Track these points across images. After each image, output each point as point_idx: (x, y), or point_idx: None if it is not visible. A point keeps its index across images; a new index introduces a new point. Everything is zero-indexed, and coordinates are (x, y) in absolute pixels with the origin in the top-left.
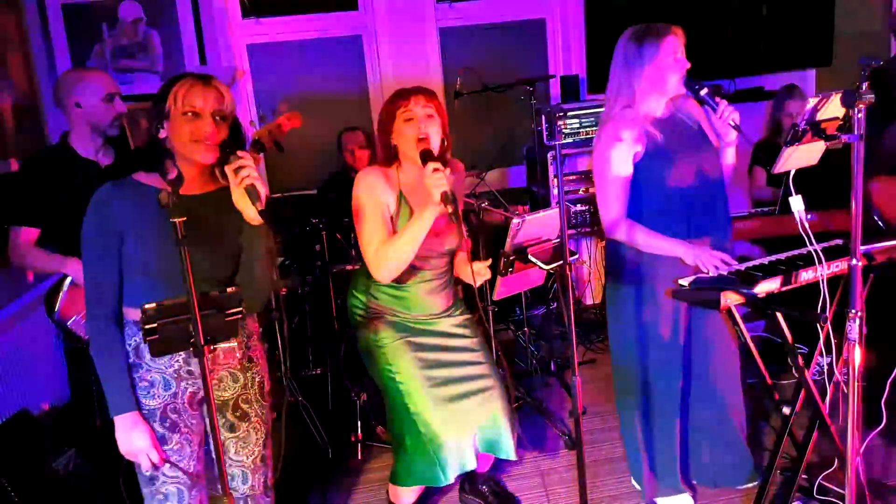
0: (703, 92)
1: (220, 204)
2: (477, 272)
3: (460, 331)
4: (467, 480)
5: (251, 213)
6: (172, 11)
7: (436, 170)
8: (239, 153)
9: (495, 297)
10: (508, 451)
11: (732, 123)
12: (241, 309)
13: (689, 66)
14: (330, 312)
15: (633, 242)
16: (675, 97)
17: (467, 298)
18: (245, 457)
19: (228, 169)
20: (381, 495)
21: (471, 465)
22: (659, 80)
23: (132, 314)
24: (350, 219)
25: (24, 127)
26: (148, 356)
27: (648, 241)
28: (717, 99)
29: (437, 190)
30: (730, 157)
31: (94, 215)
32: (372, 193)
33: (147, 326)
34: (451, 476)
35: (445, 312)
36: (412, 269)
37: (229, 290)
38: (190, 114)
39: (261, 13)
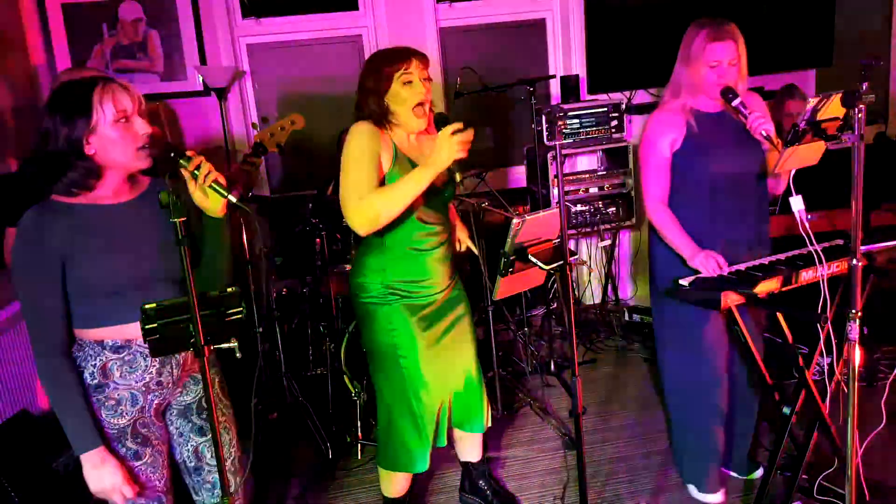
0: (735, 102)
1: (154, 205)
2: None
3: (453, 303)
4: (467, 479)
5: (216, 209)
6: (172, 11)
7: (455, 132)
8: (188, 153)
9: (495, 297)
10: (478, 422)
11: (763, 134)
12: (241, 309)
13: (729, 80)
14: (330, 312)
15: (658, 228)
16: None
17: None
18: (224, 459)
19: (185, 172)
20: (380, 494)
21: (441, 442)
22: (697, 80)
23: (92, 335)
24: None
25: (24, 127)
26: (117, 374)
27: (668, 233)
28: (749, 111)
29: (455, 154)
30: (771, 160)
31: (26, 245)
32: (368, 142)
33: (147, 326)
34: (428, 459)
35: (449, 284)
36: (426, 227)
37: (230, 289)
38: (122, 119)
39: (261, 13)
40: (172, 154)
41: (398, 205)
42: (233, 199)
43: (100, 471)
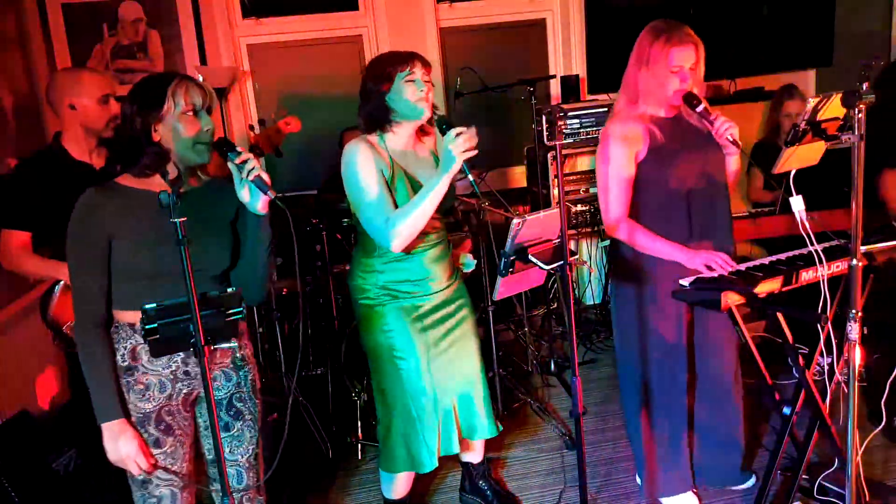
0: (699, 108)
1: (209, 197)
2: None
3: (453, 305)
4: (467, 479)
5: (256, 205)
6: (172, 11)
7: (460, 133)
8: (238, 148)
9: (495, 297)
10: (485, 432)
11: (730, 139)
12: (241, 309)
13: (690, 87)
14: (330, 312)
15: (634, 243)
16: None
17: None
18: (240, 455)
19: (232, 165)
20: (381, 495)
21: (454, 450)
22: (658, 86)
23: (126, 317)
24: (350, 219)
25: (24, 127)
26: (146, 358)
27: (649, 244)
28: (714, 115)
29: (463, 155)
30: (733, 164)
31: (79, 221)
32: (368, 164)
33: (147, 327)
34: (435, 459)
35: (448, 284)
36: (422, 237)
37: (229, 290)
38: (190, 113)
39: (261, 13)
40: (224, 146)
41: (423, 219)
42: (272, 194)
43: (118, 441)
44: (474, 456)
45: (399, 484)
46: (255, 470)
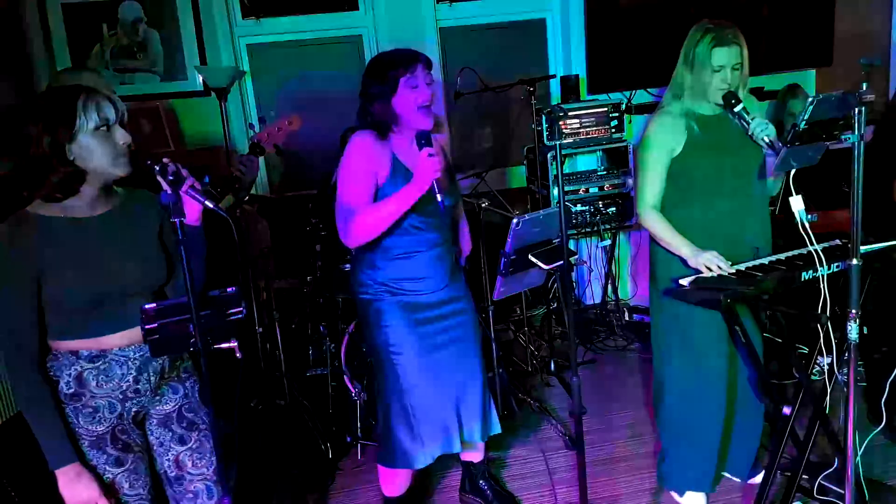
0: (737, 108)
1: (132, 215)
2: None
3: (455, 304)
4: (467, 479)
5: (194, 216)
6: (172, 11)
7: (431, 156)
8: (164, 160)
9: (495, 297)
10: (478, 434)
11: (766, 141)
12: (241, 309)
13: (732, 85)
14: (330, 312)
15: (653, 233)
16: None
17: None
18: (205, 468)
19: (163, 179)
20: (381, 493)
21: (454, 448)
22: (700, 84)
23: (67, 346)
24: None
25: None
26: (93, 383)
27: (665, 236)
28: (751, 117)
29: (429, 176)
30: (771, 164)
31: (1, 261)
32: (364, 156)
33: (147, 326)
34: (433, 453)
35: (447, 285)
36: (419, 233)
37: (229, 289)
38: (104, 127)
39: (261, 13)
40: (149, 162)
41: (382, 224)
42: (209, 205)
43: (75, 485)
44: (475, 455)
45: (397, 480)
46: (216, 484)
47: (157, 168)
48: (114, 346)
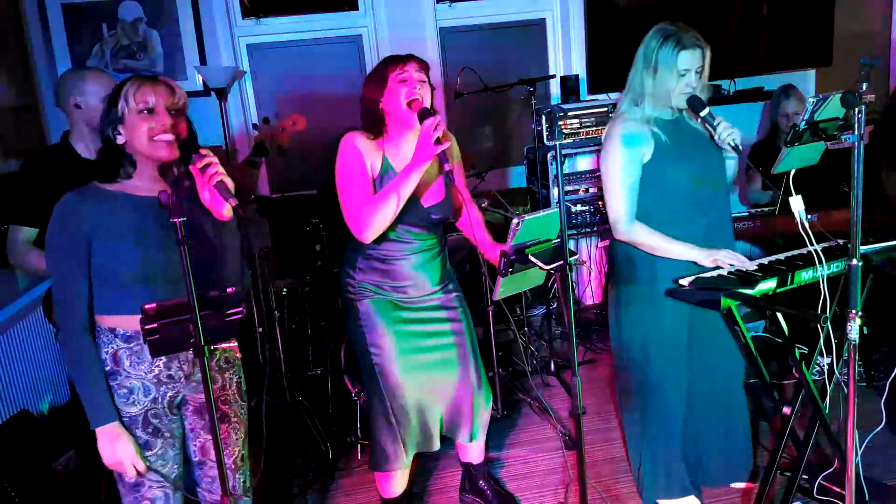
0: (704, 113)
1: (190, 203)
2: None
3: (449, 316)
4: (467, 479)
5: (221, 210)
6: (172, 11)
7: (436, 126)
8: (202, 151)
9: (495, 297)
10: (466, 434)
11: (731, 144)
12: (241, 309)
13: (696, 89)
14: (330, 312)
15: (646, 245)
16: None
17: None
18: (226, 457)
19: (194, 168)
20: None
21: (432, 447)
22: (664, 89)
23: (107, 322)
24: None
25: (24, 127)
26: (127, 363)
27: (662, 245)
28: (717, 121)
29: (429, 148)
30: (732, 167)
31: (59, 225)
32: (356, 155)
33: (147, 327)
34: (410, 456)
35: (434, 291)
36: (398, 240)
37: (229, 290)
38: (145, 111)
39: (261, 13)
40: (187, 147)
41: (391, 208)
42: (231, 202)
43: (114, 444)
44: (475, 457)
45: (390, 482)
46: (241, 471)
47: (194, 155)
48: None
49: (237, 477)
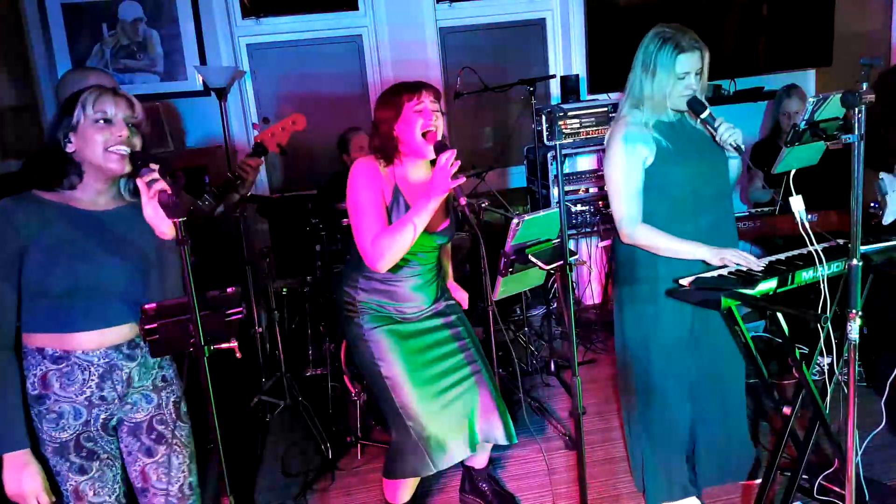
0: (704, 115)
1: (131, 220)
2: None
3: (446, 322)
4: (467, 479)
5: (163, 228)
6: (172, 11)
7: (453, 162)
8: (151, 165)
9: (495, 297)
10: (502, 437)
11: (733, 145)
12: (241, 309)
13: (695, 91)
14: (330, 312)
15: (653, 246)
16: None
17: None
18: (168, 484)
19: (141, 182)
20: (381, 495)
21: (461, 455)
22: (663, 92)
23: (35, 341)
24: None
25: (25, 127)
26: (56, 385)
27: (669, 246)
28: (718, 122)
29: (451, 182)
30: (734, 167)
31: None
32: (369, 183)
33: (147, 327)
34: (440, 465)
35: (432, 307)
36: (402, 264)
37: (229, 290)
38: (102, 120)
39: (261, 13)
40: (139, 161)
41: (408, 241)
42: (175, 221)
43: (21, 474)
44: (478, 462)
45: (404, 489)
46: (190, 501)
47: (144, 169)
48: (79, 347)
49: None
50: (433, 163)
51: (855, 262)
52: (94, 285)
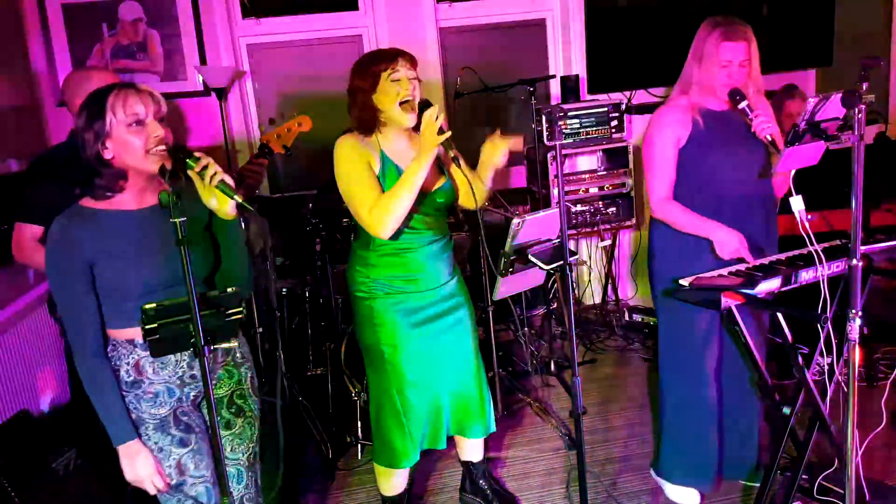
0: (741, 105)
1: (180, 210)
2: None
3: (453, 306)
4: (467, 478)
5: (225, 209)
6: (172, 11)
7: (437, 116)
8: (195, 154)
9: (495, 297)
10: (480, 428)
11: (768, 139)
12: (241, 309)
13: (739, 81)
14: (330, 312)
15: (676, 222)
16: None
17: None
18: (241, 454)
19: (193, 173)
20: (379, 493)
21: (441, 444)
22: (708, 79)
23: (123, 335)
24: (350, 219)
25: (24, 127)
26: (150, 370)
27: (686, 220)
28: (754, 114)
29: (438, 137)
30: (777, 163)
31: (57, 254)
32: (355, 155)
33: (147, 327)
34: (418, 452)
35: (445, 282)
36: (407, 231)
37: (229, 289)
38: (135, 123)
39: (261, 13)
40: (180, 154)
41: (406, 202)
42: (238, 198)
43: (134, 461)
44: (474, 455)
45: (392, 480)
46: (253, 469)
47: (189, 161)
48: None
49: (249, 475)
50: (417, 129)
51: (855, 262)
52: (163, 278)
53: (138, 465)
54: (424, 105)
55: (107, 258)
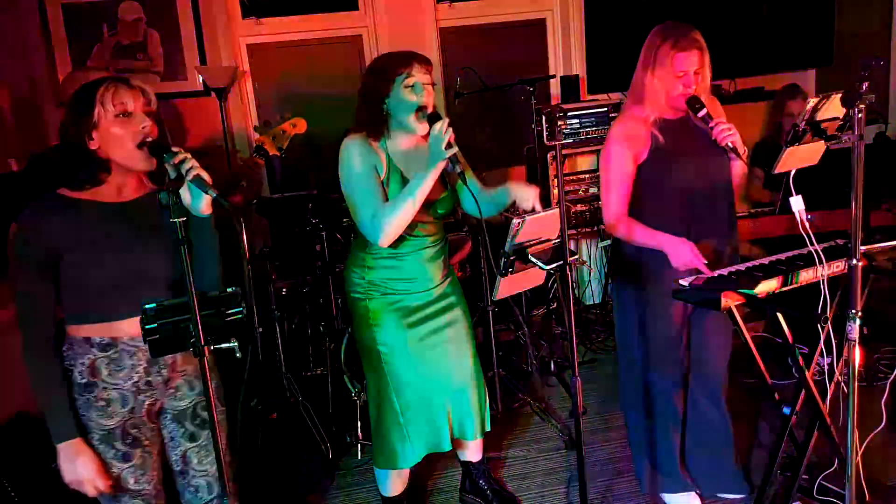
0: (701, 113)
1: (156, 207)
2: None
3: (447, 305)
4: (467, 478)
5: (200, 206)
6: (172, 11)
7: (446, 129)
8: (173, 149)
9: (495, 297)
10: (474, 432)
11: (729, 146)
12: (241, 309)
13: (693, 90)
14: (330, 312)
15: (632, 238)
16: None
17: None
18: (209, 465)
19: (170, 167)
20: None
21: (445, 446)
22: (662, 89)
23: (81, 332)
24: (350, 219)
25: (24, 127)
26: (105, 372)
27: (634, 236)
28: (714, 122)
29: (447, 151)
30: (737, 168)
31: (22, 241)
32: (361, 160)
33: (147, 327)
34: (419, 454)
35: (442, 282)
36: (406, 238)
37: (229, 290)
38: (122, 114)
39: (261, 13)
40: (158, 149)
41: (408, 215)
42: (213, 193)
43: (74, 461)
44: (473, 455)
45: (394, 481)
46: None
47: (165, 156)
48: (125, 334)
49: (217, 485)
50: (425, 136)
51: (855, 262)
52: (136, 274)
53: (79, 465)
54: (434, 118)
55: (75, 248)
